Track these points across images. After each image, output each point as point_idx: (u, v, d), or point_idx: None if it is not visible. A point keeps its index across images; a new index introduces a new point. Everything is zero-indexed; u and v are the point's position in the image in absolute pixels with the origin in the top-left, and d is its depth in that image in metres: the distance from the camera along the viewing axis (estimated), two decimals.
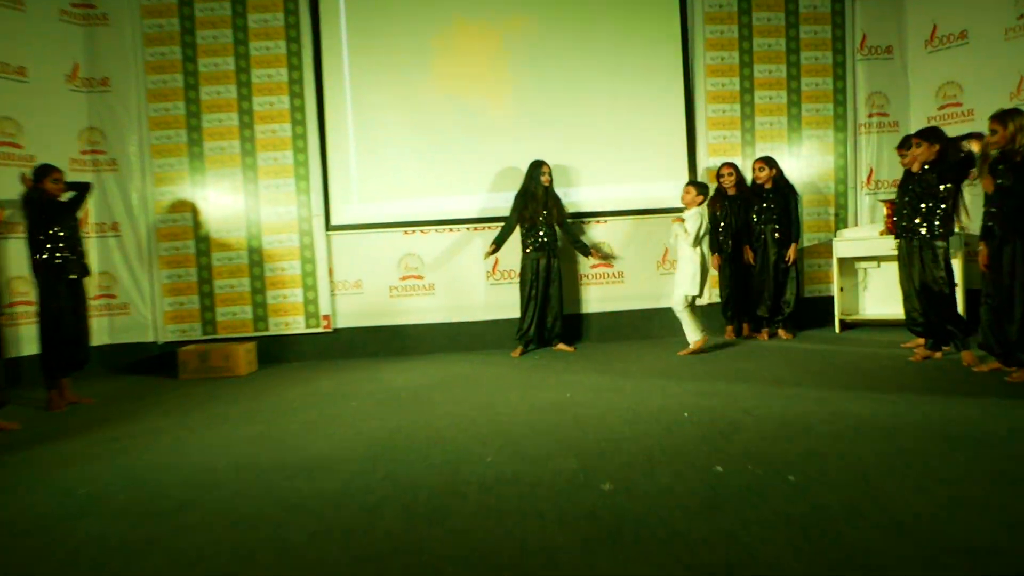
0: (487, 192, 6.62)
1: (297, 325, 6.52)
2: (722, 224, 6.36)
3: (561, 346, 6.38)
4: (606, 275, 6.74)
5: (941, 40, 6.62)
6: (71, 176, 5.65)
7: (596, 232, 6.70)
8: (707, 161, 6.73)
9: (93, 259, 6.22)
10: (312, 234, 6.48)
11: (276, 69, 6.44)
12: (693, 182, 5.80)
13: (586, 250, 6.36)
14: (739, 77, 6.77)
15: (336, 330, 6.56)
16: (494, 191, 6.61)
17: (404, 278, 6.61)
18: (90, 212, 6.30)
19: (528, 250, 6.25)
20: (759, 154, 6.64)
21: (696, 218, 5.62)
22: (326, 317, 6.51)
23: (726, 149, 6.75)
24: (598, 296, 6.74)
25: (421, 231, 6.59)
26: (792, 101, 6.83)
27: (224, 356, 6.04)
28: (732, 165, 6.41)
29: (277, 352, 6.50)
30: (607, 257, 6.59)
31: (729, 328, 6.52)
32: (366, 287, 6.59)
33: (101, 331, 6.32)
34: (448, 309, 6.62)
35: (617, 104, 6.69)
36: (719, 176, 6.42)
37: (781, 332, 6.38)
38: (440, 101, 6.59)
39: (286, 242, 6.49)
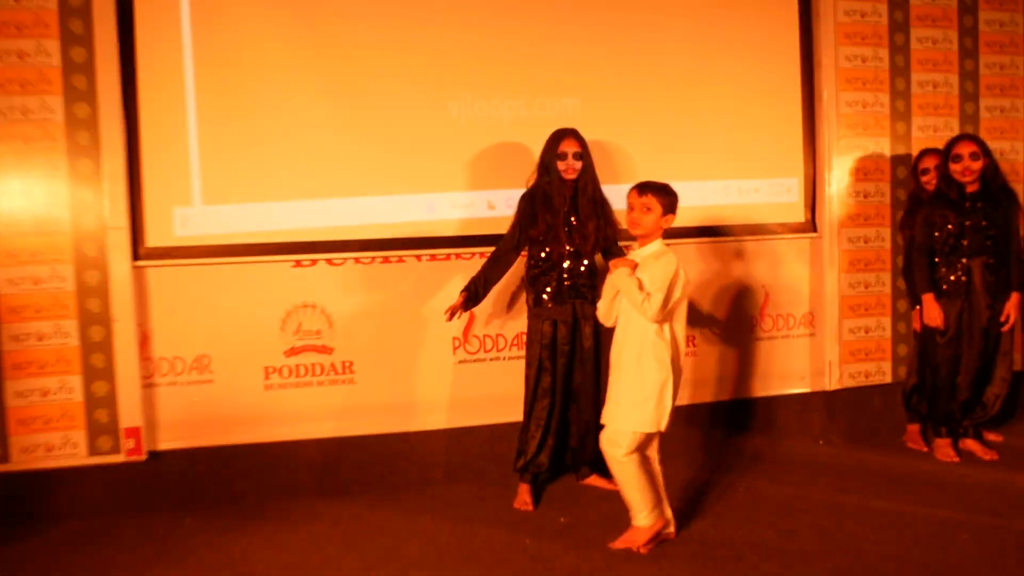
0: (465, 190, 3.53)
1: (71, 450, 3.22)
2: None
3: (596, 479, 3.41)
4: None
5: None
6: None
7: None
8: (835, 144, 3.89)
9: None
10: (105, 265, 3.20)
11: None
12: (651, 185, 2.73)
13: None
14: (887, 1, 3.99)
15: (155, 455, 3.30)
16: (480, 187, 3.54)
17: (295, 351, 3.43)
18: None
19: (544, 301, 3.22)
20: (917, 133, 3.98)
21: (665, 262, 2.64)
22: (132, 432, 3.23)
23: (867, 124, 3.94)
24: None
25: (328, 261, 3.43)
26: (965, 49, 4.10)
27: None
28: (937, 153, 3.66)
29: (30, 504, 3.18)
30: None
31: (913, 430, 3.84)
32: (219, 369, 3.36)
33: None
34: (380, 410, 3.48)
35: (683, 41, 3.76)
36: (920, 172, 3.71)
37: (972, 444, 3.63)
38: (375, 9, 3.45)
39: (47, 281, 3.17)
